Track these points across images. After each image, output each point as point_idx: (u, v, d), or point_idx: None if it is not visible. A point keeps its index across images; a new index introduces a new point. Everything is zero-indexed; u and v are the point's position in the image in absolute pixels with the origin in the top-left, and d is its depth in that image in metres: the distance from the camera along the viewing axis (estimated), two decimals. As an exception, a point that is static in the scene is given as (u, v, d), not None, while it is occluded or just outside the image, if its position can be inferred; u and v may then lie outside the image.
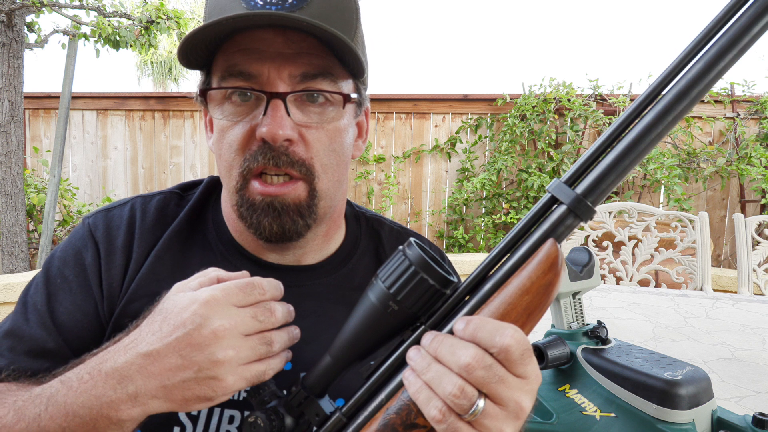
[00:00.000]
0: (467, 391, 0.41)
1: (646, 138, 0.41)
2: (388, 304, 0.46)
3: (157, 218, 0.73)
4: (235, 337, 0.51)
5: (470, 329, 0.42)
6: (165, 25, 4.13)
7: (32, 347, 0.65)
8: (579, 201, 0.43)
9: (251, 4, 0.60)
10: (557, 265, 0.43)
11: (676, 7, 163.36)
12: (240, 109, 0.64)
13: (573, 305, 0.92)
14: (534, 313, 0.44)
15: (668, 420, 0.73)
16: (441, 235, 4.84)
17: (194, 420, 0.66)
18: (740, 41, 0.39)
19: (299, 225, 0.66)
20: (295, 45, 0.61)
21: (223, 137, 0.65)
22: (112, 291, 0.68)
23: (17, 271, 3.95)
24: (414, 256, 0.46)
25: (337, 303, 0.73)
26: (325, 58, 0.63)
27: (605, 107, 4.46)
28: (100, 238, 0.70)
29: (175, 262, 0.71)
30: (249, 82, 0.62)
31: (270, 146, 0.62)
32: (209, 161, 5.16)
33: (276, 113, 0.61)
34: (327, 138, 0.65)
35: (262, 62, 0.61)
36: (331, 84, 0.64)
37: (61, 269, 0.69)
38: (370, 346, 0.49)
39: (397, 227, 0.86)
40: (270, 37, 0.61)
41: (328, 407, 0.51)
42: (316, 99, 0.64)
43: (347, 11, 0.65)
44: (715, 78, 0.40)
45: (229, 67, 0.62)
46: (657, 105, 0.41)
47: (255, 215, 0.65)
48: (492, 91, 5.45)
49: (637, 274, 2.61)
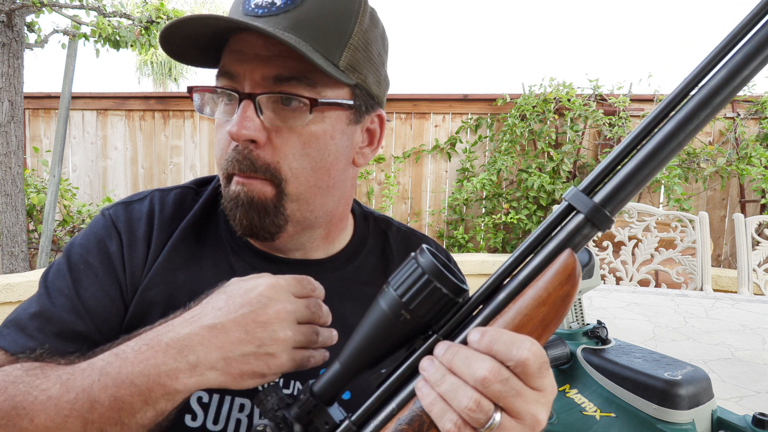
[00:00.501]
0: (483, 405, 0.40)
1: (667, 147, 0.40)
2: (400, 313, 0.45)
3: (174, 211, 0.75)
4: (293, 321, 0.55)
5: (486, 341, 0.41)
6: (165, 24, 4.13)
7: (62, 329, 0.65)
8: (597, 210, 0.42)
9: (244, 8, 0.63)
10: (575, 276, 0.42)
11: (676, 7, 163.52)
12: (229, 108, 0.66)
13: (573, 305, 0.92)
14: (550, 326, 0.43)
15: (668, 420, 0.73)
16: (441, 235, 4.84)
17: (205, 408, 0.67)
18: (767, 47, 0.38)
19: (266, 222, 0.67)
20: (273, 47, 0.62)
21: (216, 136, 0.68)
22: (134, 280, 0.70)
23: (17, 271, 3.95)
24: (427, 264, 0.45)
25: (344, 297, 0.74)
26: (304, 62, 0.61)
27: (605, 107, 4.46)
28: (122, 228, 0.72)
29: (190, 252, 0.72)
30: (233, 82, 0.64)
31: (238, 149, 0.64)
32: (209, 161, 5.16)
33: (243, 113, 0.62)
34: (299, 142, 0.65)
35: (242, 63, 0.63)
36: (307, 88, 0.63)
37: (84, 256, 0.70)
38: (381, 354, 0.48)
39: (404, 228, 0.87)
40: (252, 39, 0.62)
41: (338, 415, 0.51)
42: (289, 102, 0.63)
43: (343, 14, 0.65)
44: (739, 86, 0.39)
45: (221, 66, 0.65)
46: (678, 113, 0.40)
47: (231, 209, 0.67)
48: (492, 91, 5.46)
49: (637, 274, 2.61)
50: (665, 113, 0.41)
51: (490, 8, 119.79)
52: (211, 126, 5.10)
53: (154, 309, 0.68)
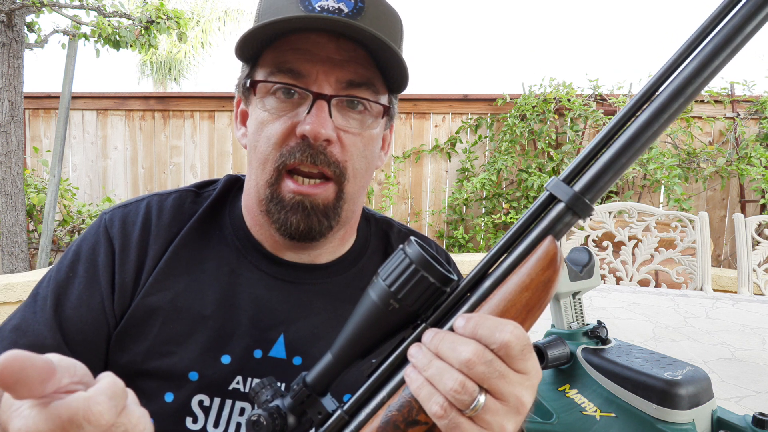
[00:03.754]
0: (468, 387, 0.41)
1: (643, 136, 0.42)
2: (389, 303, 0.46)
3: (173, 215, 0.75)
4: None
5: (470, 326, 0.43)
6: (165, 25, 4.13)
7: (34, 342, 0.65)
8: (577, 198, 0.43)
9: (309, 8, 0.63)
10: (556, 262, 0.44)
11: (677, 7, 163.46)
12: (283, 105, 0.66)
13: (573, 305, 0.92)
14: (533, 310, 0.44)
15: (668, 420, 0.73)
16: (441, 235, 4.84)
17: (206, 411, 0.67)
18: (735, 39, 0.39)
19: (323, 226, 0.69)
20: (345, 53, 0.65)
21: (262, 130, 0.67)
22: (125, 285, 0.70)
23: (17, 271, 3.95)
24: (414, 254, 0.46)
25: (347, 301, 0.75)
26: (370, 69, 0.66)
27: (605, 107, 4.46)
28: (115, 233, 0.72)
29: (190, 257, 0.72)
30: (297, 80, 0.65)
31: (309, 144, 0.65)
32: (209, 161, 5.16)
33: (320, 113, 0.64)
34: (362, 144, 0.69)
35: (313, 64, 0.64)
36: (372, 94, 0.68)
37: (73, 263, 0.71)
38: (372, 344, 0.49)
39: (405, 229, 0.88)
40: (323, 41, 0.64)
41: (330, 405, 0.51)
42: (356, 106, 0.67)
43: (395, 25, 0.69)
44: (710, 76, 0.40)
45: (280, 63, 0.65)
46: (653, 103, 0.42)
47: (283, 212, 0.67)
48: (492, 91, 5.46)
49: (637, 274, 2.61)
50: (640, 104, 0.43)
51: (490, 8, 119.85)
52: (210, 126, 5.11)
53: (156, 315, 0.69)
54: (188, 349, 0.68)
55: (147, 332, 0.68)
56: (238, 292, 0.71)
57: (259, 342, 0.70)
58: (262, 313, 0.71)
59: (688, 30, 0.44)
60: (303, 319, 0.72)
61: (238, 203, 0.78)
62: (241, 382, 0.68)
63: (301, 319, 0.72)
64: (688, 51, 0.41)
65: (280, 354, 0.70)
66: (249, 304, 0.71)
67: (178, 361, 0.67)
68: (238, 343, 0.69)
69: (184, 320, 0.69)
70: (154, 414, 0.67)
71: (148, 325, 0.68)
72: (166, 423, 0.66)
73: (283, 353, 0.70)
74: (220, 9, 15.40)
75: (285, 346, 0.71)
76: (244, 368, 0.68)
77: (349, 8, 0.64)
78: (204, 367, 0.67)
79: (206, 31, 15.24)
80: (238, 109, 0.77)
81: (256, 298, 0.72)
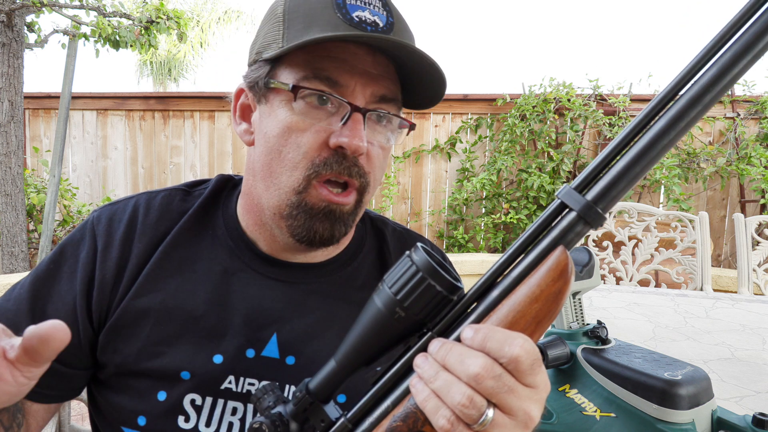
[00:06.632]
0: (476, 401, 0.40)
1: (658, 144, 0.40)
2: (395, 311, 0.45)
3: (160, 214, 0.74)
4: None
5: (479, 338, 0.42)
6: (165, 25, 4.13)
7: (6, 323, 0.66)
8: (589, 208, 0.42)
9: (347, 18, 0.62)
10: (567, 273, 0.42)
11: (677, 7, 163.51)
12: (315, 111, 0.65)
13: (573, 305, 0.92)
14: (543, 322, 0.43)
15: (668, 420, 0.73)
16: (441, 235, 4.84)
17: (198, 410, 0.67)
18: (756, 46, 0.38)
19: (342, 233, 0.69)
20: (380, 67, 0.66)
21: (289, 135, 0.65)
22: (105, 282, 0.70)
23: (17, 271, 3.95)
24: (421, 262, 0.45)
25: (341, 301, 0.75)
26: (397, 84, 0.68)
27: (605, 107, 4.46)
28: (100, 231, 0.72)
29: (182, 257, 0.72)
30: (334, 89, 0.64)
31: (345, 155, 0.65)
32: (209, 161, 5.16)
33: (357, 125, 0.64)
34: (383, 157, 0.70)
35: (351, 75, 0.64)
36: (397, 110, 0.69)
37: (56, 259, 0.72)
38: (376, 352, 0.48)
39: (399, 228, 0.88)
40: (362, 53, 0.64)
41: (334, 413, 0.51)
42: (382, 120, 0.68)
43: (413, 40, 0.70)
44: (729, 83, 0.39)
45: (316, 70, 0.64)
46: (669, 111, 0.40)
47: (309, 219, 0.67)
48: (492, 91, 5.45)
49: (637, 274, 2.61)
50: (656, 111, 0.42)
51: (490, 8, 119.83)
52: (210, 126, 5.11)
53: (147, 316, 0.68)
54: (180, 349, 0.68)
55: (138, 333, 0.68)
56: (230, 292, 0.71)
57: (252, 341, 0.70)
58: (255, 313, 0.71)
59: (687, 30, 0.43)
60: (297, 318, 0.72)
61: (231, 203, 0.78)
62: (233, 381, 0.68)
63: (294, 318, 0.72)
64: (705, 58, 0.40)
65: (272, 353, 0.70)
66: (241, 304, 0.71)
67: (170, 361, 0.67)
68: (230, 342, 0.69)
69: (176, 321, 0.69)
70: (146, 412, 0.67)
71: (139, 327, 0.68)
72: (158, 421, 0.67)
73: (276, 353, 0.70)
74: (220, 9, 15.40)
75: (278, 345, 0.70)
76: (236, 368, 0.68)
77: (383, 23, 0.64)
78: (196, 366, 0.67)
79: (205, 31, 15.24)
80: (237, 102, 0.73)
81: (249, 298, 0.71)
